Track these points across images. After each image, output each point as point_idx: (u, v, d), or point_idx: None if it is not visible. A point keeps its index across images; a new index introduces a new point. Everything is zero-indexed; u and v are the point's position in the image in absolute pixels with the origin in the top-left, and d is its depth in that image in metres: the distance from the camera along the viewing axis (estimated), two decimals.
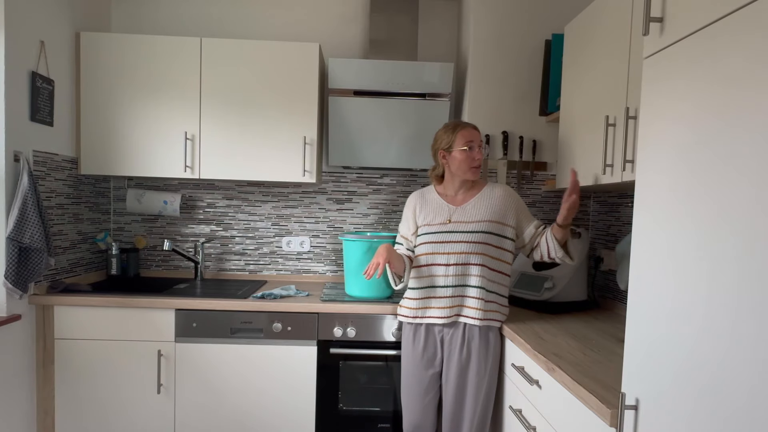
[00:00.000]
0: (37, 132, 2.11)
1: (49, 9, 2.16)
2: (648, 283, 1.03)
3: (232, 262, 2.76)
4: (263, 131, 2.38)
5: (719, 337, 0.82)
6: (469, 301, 1.84)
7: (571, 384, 1.30)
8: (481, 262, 1.83)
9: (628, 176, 1.53)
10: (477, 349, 1.84)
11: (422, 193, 1.99)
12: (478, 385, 1.84)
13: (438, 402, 1.93)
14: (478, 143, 1.86)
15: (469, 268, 1.83)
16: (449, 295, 1.85)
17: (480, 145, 1.88)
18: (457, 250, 1.83)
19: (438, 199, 1.94)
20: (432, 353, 1.89)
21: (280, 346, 2.14)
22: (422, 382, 1.90)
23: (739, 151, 0.79)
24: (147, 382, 2.13)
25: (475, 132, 1.88)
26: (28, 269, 1.99)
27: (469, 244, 1.83)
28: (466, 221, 1.86)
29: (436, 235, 1.87)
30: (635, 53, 1.54)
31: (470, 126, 1.89)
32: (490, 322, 1.84)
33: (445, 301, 1.85)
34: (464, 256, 1.83)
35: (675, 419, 0.92)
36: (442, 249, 1.85)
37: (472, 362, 1.84)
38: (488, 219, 1.85)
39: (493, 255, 1.85)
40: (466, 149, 1.84)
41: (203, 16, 2.70)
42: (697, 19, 0.90)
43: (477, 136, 1.87)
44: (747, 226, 0.77)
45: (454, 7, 2.72)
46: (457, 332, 1.86)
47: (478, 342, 1.84)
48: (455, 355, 1.85)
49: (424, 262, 1.88)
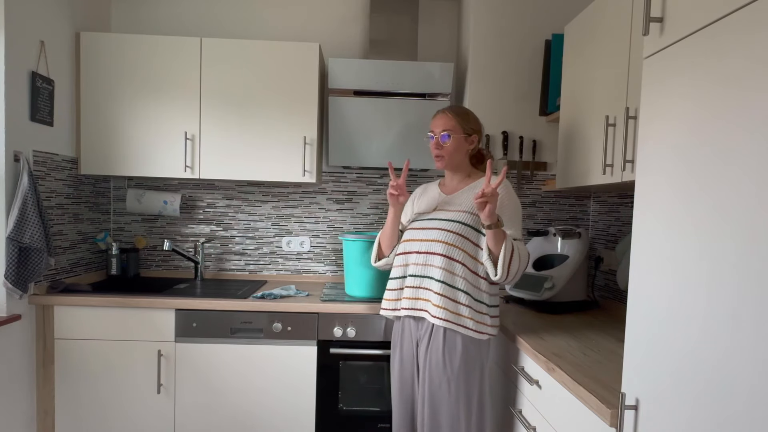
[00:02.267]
0: (37, 132, 2.11)
1: (49, 9, 2.16)
2: (648, 283, 1.02)
3: (232, 262, 2.76)
4: (263, 131, 2.38)
5: (719, 336, 0.82)
6: (429, 295, 1.66)
7: (571, 384, 1.30)
8: (450, 254, 1.64)
9: (628, 176, 1.53)
10: (440, 354, 1.64)
11: (427, 185, 1.96)
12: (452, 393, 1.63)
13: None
14: (438, 131, 1.74)
15: (435, 258, 1.66)
16: (415, 285, 1.70)
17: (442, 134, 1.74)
18: (430, 237, 1.69)
19: (435, 190, 1.88)
20: (408, 349, 1.75)
21: (280, 346, 2.14)
22: (402, 379, 1.77)
23: (739, 151, 0.79)
24: (147, 382, 2.13)
25: (440, 121, 1.76)
26: (28, 269, 1.99)
27: (442, 232, 1.67)
28: (446, 210, 1.74)
29: (419, 223, 1.78)
30: (635, 53, 1.54)
31: (441, 113, 1.78)
32: (458, 328, 1.62)
33: (411, 291, 1.71)
34: (434, 244, 1.67)
35: (675, 419, 0.92)
36: (418, 236, 1.74)
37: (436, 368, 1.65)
38: (469, 210, 1.69)
39: (471, 253, 1.66)
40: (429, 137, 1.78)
41: (203, 16, 2.70)
42: (697, 19, 0.90)
43: (440, 125, 1.75)
44: (747, 226, 0.77)
45: (454, 7, 2.72)
46: (425, 329, 1.69)
47: (441, 346, 1.64)
48: (422, 355, 1.70)
49: (401, 250, 1.78)
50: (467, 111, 1.81)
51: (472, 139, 1.79)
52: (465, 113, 1.80)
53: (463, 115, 1.78)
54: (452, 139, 1.74)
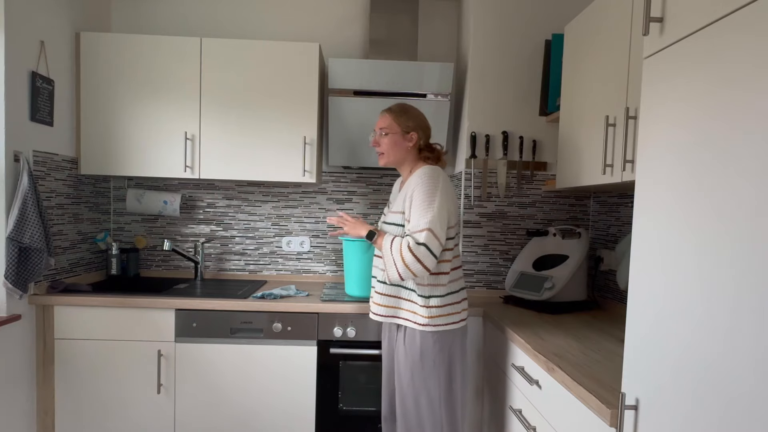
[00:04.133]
0: (37, 132, 2.11)
1: (49, 9, 2.16)
2: (648, 283, 1.03)
3: (232, 262, 2.76)
4: (263, 131, 2.38)
5: (719, 337, 0.82)
6: (373, 294, 1.83)
7: (571, 384, 1.30)
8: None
9: (628, 176, 1.53)
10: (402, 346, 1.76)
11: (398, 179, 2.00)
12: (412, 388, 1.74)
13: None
14: (377, 130, 1.83)
15: (379, 260, 1.79)
16: (373, 285, 1.85)
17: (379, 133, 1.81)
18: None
19: (396, 187, 1.97)
20: (387, 344, 1.90)
21: (280, 346, 2.14)
22: (388, 370, 1.91)
23: (739, 151, 0.79)
24: (147, 382, 2.13)
25: (379, 120, 1.84)
26: (28, 269, 1.99)
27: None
28: (390, 212, 1.83)
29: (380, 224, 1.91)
30: (635, 53, 1.54)
31: (381, 112, 1.85)
32: (399, 321, 1.76)
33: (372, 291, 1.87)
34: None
35: (675, 419, 0.92)
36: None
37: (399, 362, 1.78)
38: (399, 210, 1.76)
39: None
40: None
41: (203, 16, 2.70)
42: (697, 19, 0.90)
43: (379, 124, 1.83)
44: (746, 227, 0.77)
45: (454, 7, 2.72)
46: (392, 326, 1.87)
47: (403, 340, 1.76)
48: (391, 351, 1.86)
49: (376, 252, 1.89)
50: (407, 109, 1.84)
51: (410, 136, 1.81)
52: (404, 111, 1.83)
53: (401, 113, 1.82)
54: (389, 137, 1.80)
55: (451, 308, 1.74)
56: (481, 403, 2.19)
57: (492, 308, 2.16)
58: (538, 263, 2.27)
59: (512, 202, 2.46)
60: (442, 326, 1.71)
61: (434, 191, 1.66)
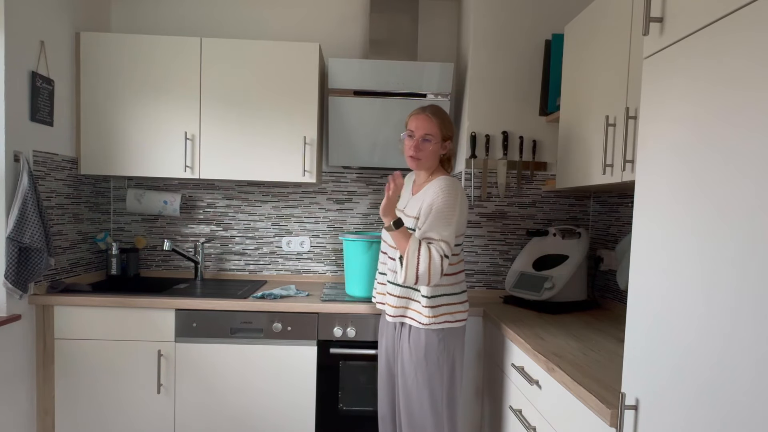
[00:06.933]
0: (37, 132, 2.11)
1: (49, 9, 2.16)
2: (648, 283, 1.03)
3: (232, 262, 2.76)
4: (263, 131, 2.38)
5: (719, 336, 0.82)
6: (386, 296, 1.85)
7: (571, 384, 1.30)
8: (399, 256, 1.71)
9: (628, 176, 1.53)
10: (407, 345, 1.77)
11: (408, 176, 1.98)
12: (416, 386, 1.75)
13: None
14: (420, 134, 1.74)
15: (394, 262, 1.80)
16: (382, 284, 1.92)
17: (423, 138, 1.74)
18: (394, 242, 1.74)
19: (409, 187, 1.93)
20: (385, 343, 1.90)
21: (280, 346, 2.14)
22: (381, 371, 1.93)
23: (739, 151, 0.79)
24: (147, 382, 2.13)
25: (423, 123, 1.75)
26: (28, 269, 1.99)
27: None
28: (405, 215, 1.79)
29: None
30: (635, 53, 1.54)
31: (423, 114, 1.77)
32: (405, 320, 1.79)
33: (381, 287, 1.96)
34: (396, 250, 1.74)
35: (675, 419, 0.92)
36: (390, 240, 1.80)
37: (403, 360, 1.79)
38: (414, 215, 1.74)
39: None
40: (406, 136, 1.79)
41: (203, 16, 2.70)
42: (697, 19, 0.90)
43: (423, 127, 1.74)
44: (747, 227, 0.77)
45: (454, 7, 2.72)
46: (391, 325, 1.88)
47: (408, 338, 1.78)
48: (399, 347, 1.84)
49: (383, 248, 1.94)
50: (446, 115, 1.81)
51: (446, 144, 1.81)
52: (447, 119, 1.81)
53: (445, 120, 1.79)
54: (432, 144, 1.76)
55: (454, 307, 1.78)
56: (480, 403, 2.19)
57: (492, 308, 2.16)
58: (538, 263, 2.27)
59: (512, 202, 2.46)
60: (446, 324, 1.75)
61: (454, 205, 1.68)
